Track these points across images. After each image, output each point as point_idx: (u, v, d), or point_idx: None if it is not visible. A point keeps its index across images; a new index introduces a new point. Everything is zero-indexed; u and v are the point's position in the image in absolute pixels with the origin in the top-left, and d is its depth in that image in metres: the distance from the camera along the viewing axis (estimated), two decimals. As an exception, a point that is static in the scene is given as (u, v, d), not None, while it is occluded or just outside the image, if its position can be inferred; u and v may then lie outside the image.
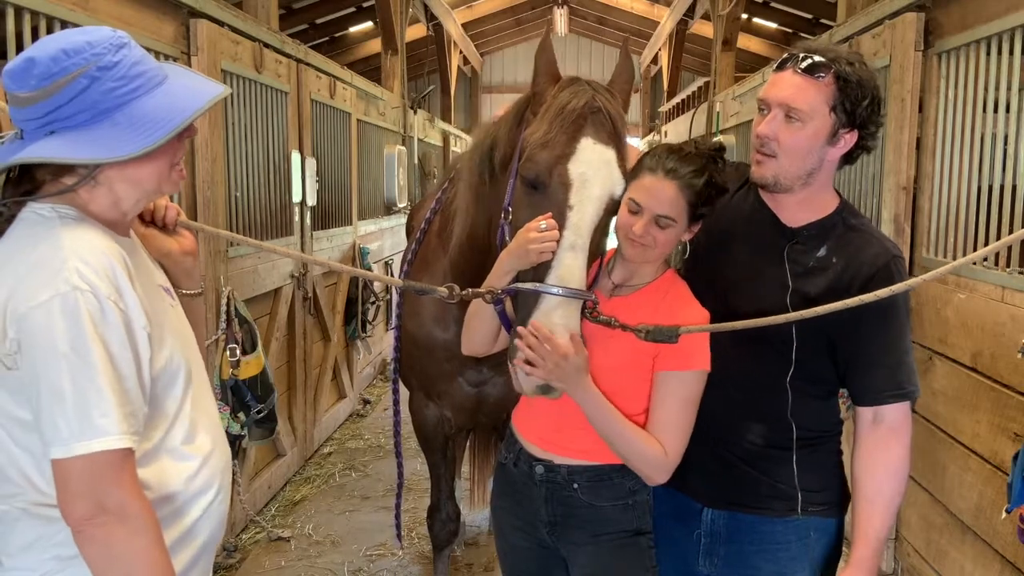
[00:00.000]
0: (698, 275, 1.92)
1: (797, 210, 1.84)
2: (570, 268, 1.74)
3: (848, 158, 1.85)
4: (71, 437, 1.28)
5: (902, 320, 1.77)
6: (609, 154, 1.82)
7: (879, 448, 1.80)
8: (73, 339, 1.28)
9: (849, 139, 1.78)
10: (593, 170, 1.80)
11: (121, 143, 1.34)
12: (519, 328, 1.75)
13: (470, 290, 1.85)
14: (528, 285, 1.76)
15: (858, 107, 1.73)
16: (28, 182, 1.41)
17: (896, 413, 1.80)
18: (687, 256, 1.93)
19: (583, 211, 1.78)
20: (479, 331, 2.01)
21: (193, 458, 1.51)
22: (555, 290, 1.73)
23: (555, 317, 1.71)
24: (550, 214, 1.78)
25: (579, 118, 1.82)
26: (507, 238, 1.88)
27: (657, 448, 1.79)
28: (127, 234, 1.52)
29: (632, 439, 1.79)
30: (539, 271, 1.76)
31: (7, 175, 1.42)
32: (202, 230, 1.86)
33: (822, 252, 1.81)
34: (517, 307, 1.82)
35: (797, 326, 1.74)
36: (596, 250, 1.83)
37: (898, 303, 1.76)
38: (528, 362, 1.73)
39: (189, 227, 1.74)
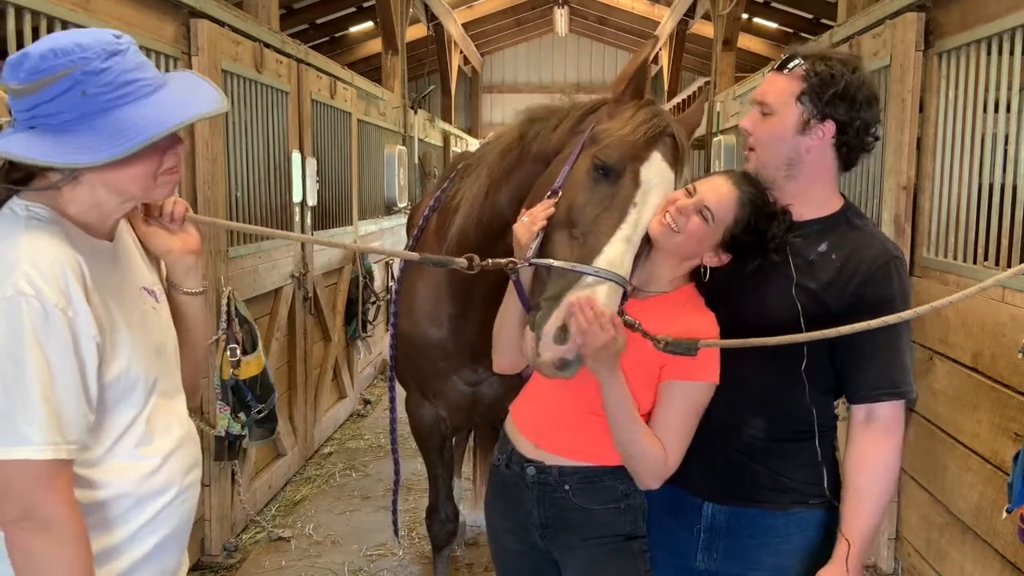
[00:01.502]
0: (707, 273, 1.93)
1: (796, 206, 1.86)
2: (621, 254, 1.77)
3: (845, 162, 1.87)
4: None
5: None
6: (672, 176, 1.91)
7: (870, 446, 1.80)
8: (10, 344, 1.27)
9: (826, 130, 1.81)
10: (659, 180, 1.87)
11: (91, 149, 1.32)
12: (572, 298, 1.70)
13: (490, 260, 1.86)
14: (562, 263, 1.76)
15: (823, 95, 1.77)
16: (21, 170, 1.41)
17: (889, 412, 1.80)
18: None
19: (643, 211, 1.83)
20: (508, 344, 2.01)
21: (148, 459, 1.49)
22: (590, 270, 1.73)
23: (600, 296, 1.71)
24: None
25: (659, 134, 1.89)
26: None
27: (661, 452, 1.79)
28: (109, 236, 1.50)
29: (641, 437, 1.78)
30: (584, 253, 1.77)
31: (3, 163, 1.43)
32: (212, 224, 1.84)
33: (823, 247, 1.83)
34: (548, 283, 1.80)
35: (806, 323, 1.76)
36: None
37: (895, 302, 1.77)
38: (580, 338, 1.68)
39: (198, 222, 1.71)
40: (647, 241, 1.86)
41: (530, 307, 1.86)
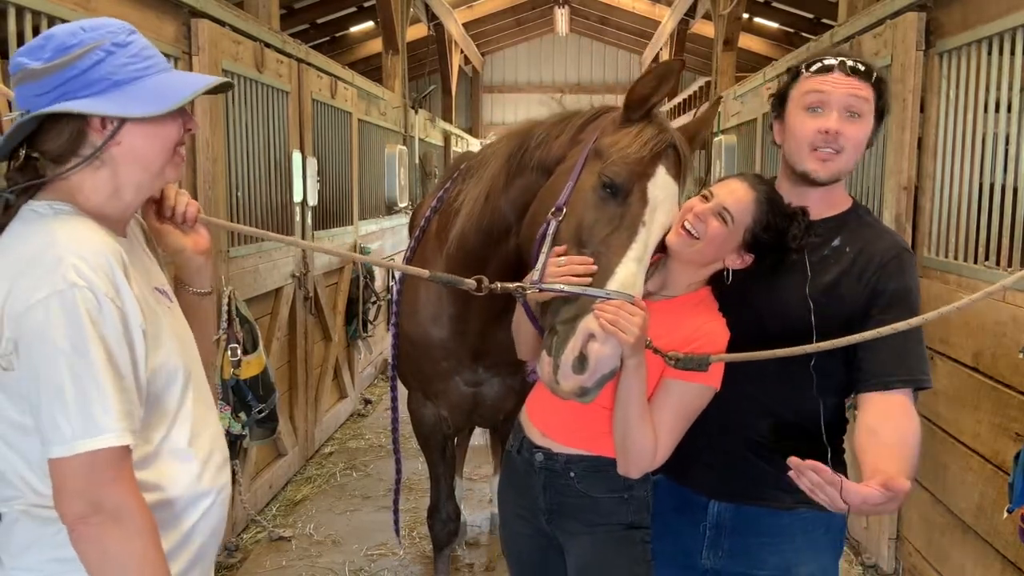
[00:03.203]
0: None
1: (817, 205, 1.87)
2: (634, 275, 1.77)
3: None
4: (74, 436, 1.27)
5: (913, 309, 1.77)
6: (676, 189, 1.91)
7: (894, 413, 1.71)
8: (72, 336, 1.27)
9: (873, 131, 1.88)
10: (665, 196, 1.86)
11: (140, 106, 1.39)
12: (600, 305, 1.69)
13: (499, 284, 1.85)
14: (574, 287, 1.75)
15: (887, 100, 1.87)
16: (31, 172, 1.41)
17: (904, 397, 1.75)
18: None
19: (652, 230, 1.82)
20: (526, 341, 2.04)
21: (195, 459, 1.50)
22: (602, 293, 1.72)
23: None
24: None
25: (666, 149, 1.89)
26: (550, 234, 1.87)
27: (654, 449, 1.80)
28: (123, 234, 1.51)
29: (644, 427, 1.78)
30: (596, 275, 1.76)
31: (9, 164, 1.43)
32: (224, 226, 1.84)
33: (837, 242, 1.85)
34: (561, 306, 1.77)
35: (817, 322, 1.77)
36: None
37: (910, 292, 1.79)
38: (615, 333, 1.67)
39: (210, 223, 1.73)
40: (662, 248, 1.86)
41: (541, 327, 1.86)
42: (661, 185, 1.86)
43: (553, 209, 1.89)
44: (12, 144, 1.40)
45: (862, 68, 1.83)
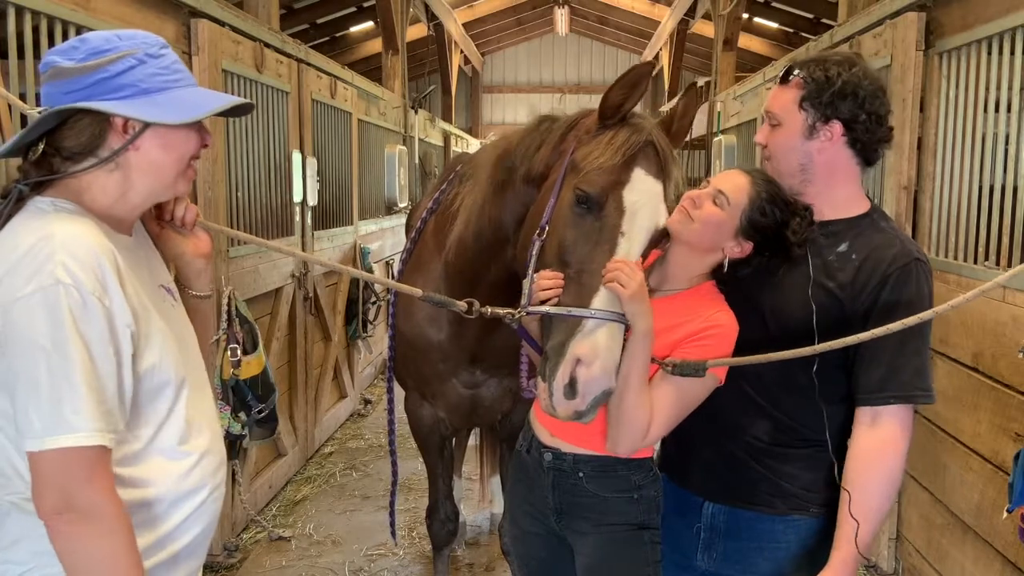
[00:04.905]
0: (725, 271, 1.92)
1: (818, 208, 1.85)
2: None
3: (866, 158, 1.87)
4: (43, 431, 1.29)
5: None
6: (659, 187, 1.87)
7: (873, 457, 1.76)
8: (53, 334, 1.29)
9: (833, 131, 1.82)
10: (644, 200, 1.83)
11: (164, 114, 1.42)
12: (612, 263, 1.72)
13: (489, 308, 1.86)
14: (559, 309, 1.74)
15: (822, 97, 1.80)
16: (46, 167, 1.43)
17: (895, 418, 1.76)
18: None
19: (633, 238, 1.80)
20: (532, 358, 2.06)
21: (187, 456, 1.51)
22: (587, 313, 1.70)
23: (600, 339, 1.69)
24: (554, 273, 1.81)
25: (642, 149, 1.86)
26: (534, 255, 1.86)
27: (647, 422, 1.77)
28: (129, 232, 1.53)
29: (641, 400, 1.75)
30: (580, 294, 1.75)
31: (26, 157, 1.45)
32: (222, 232, 1.86)
33: (843, 247, 1.82)
34: (552, 329, 1.77)
35: (819, 325, 1.75)
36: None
37: (913, 304, 1.73)
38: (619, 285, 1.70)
39: (208, 228, 1.74)
40: (666, 237, 1.85)
41: (540, 348, 1.85)
42: (639, 189, 1.82)
43: (537, 230, 1.88)
44: (32, 136, 1.42)
45: (787, 71, 1.87)
